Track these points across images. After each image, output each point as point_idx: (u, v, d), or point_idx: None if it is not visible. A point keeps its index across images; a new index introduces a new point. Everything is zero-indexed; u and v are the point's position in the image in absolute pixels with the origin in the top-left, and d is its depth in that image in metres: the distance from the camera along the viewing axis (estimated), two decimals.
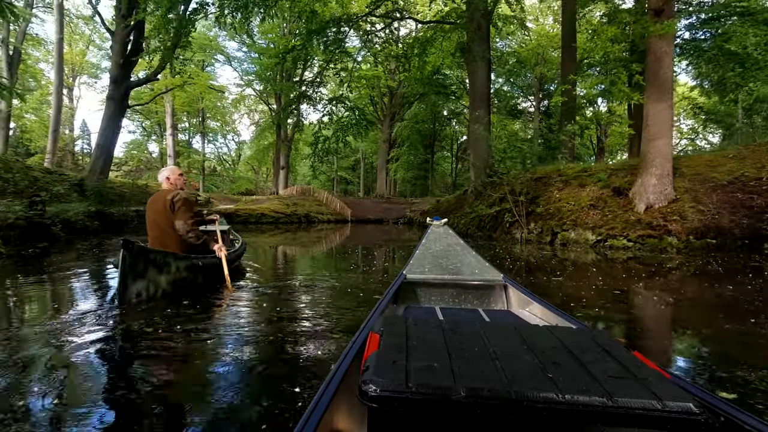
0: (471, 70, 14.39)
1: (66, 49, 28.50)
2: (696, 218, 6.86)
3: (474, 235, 11.26)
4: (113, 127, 14.18)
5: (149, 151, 40.15)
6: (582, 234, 7.73)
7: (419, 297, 2.40)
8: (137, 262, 2.89)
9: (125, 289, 2.82)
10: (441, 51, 23.31)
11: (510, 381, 0.78)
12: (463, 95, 30.70)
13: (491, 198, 11.50)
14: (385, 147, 31.06)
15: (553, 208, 8.71)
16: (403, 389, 0.75)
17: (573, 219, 8.08)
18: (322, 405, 0.86)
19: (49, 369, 1.80)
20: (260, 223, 17.80)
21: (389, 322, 1.11)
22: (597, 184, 8.61)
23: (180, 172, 3.75)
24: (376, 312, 1.64)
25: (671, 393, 0.74)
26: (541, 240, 8.48)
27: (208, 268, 3.53)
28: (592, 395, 0.73)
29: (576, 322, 1.58)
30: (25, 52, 21.86)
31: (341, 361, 1.07)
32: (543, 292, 3.83)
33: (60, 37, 17.63)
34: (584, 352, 0.93)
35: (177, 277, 3.22)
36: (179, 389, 1.73)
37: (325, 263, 6.53)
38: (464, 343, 0.96)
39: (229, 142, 44.15)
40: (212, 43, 28.22)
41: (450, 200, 17.26)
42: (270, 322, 2.63)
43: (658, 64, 7.21)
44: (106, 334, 2.30)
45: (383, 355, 0.89)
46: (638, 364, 0.87)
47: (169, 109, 26.83)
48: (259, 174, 46.83)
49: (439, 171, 40.53)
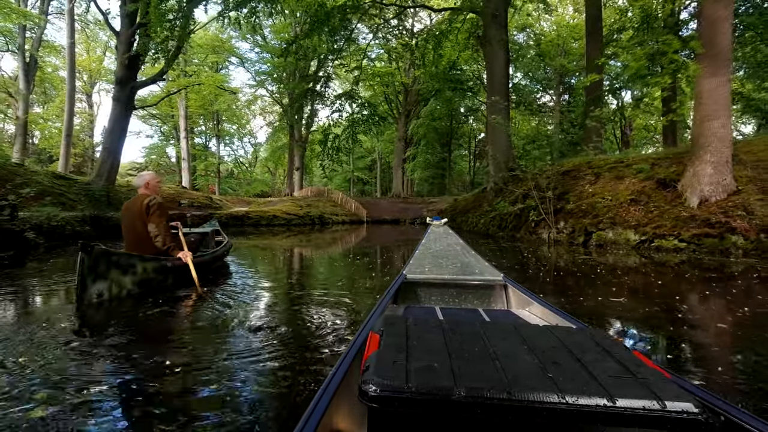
0: (488, 58, 13.50)
1: (84, 56, 29.03)
2: (766, 213, 5.72)
3: (495, 236, 10.29)
4: (119, 129, 13.88)
5: (168, 155, 40.63)
6: (622, 233, 6.68)
7: (419, 297, 2.38)
8: (97, 264, 2.97)
9: (84, 289, 2.89)
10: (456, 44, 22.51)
11: (510, 381, 0.77)
12: (480, 90, 29.76)
13: (513, 194, 10.51)
14: (400, 146, 30.24)
15: (586, 205, 7.67)
16: (403, 389, 0.74)
17: (611, 216, 7.03)
18: (322, 405, 0.86)
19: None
20: (272, 226, 17.34)
21: (389, 322, 1.09)
22: (637, 176, 7.52)
23: (158, 179, 3.82)
24: (376, 312, 1.63)
25: (672, 393, 0.73)
26: (572, 241, 7.45)
27: (179, 269, 3.58)
28: (592, 395, 0.72)
29: (576, 321, 1.56)
30: (41, 60, 22.15)
31: (341, 361, 1.07)
32: (585, 310, 2.94)
33: (71, 41, 17.58)
34: (584, 351, 0.92)
35: (144, 278, 3.32)
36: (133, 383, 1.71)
37: (318, 266, 5.91)
38: (464, 343, 0.96)
39: (246, 145, 44.31)
40: (225, 45, 28.06)
41: (468, 198, 16.27)
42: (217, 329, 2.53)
43: (713, 32, 6.10)
44: (55, 332, 2.33)
45: (383, 355, 0.88)
46: (638, 364, 0.85)
47: (183, 112, 26.78)
48: (276, 176, 46.77)
49: (457, 170, 39.46)
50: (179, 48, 14.51)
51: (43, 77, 24.76)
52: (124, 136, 14.50)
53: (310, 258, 7.04)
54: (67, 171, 18.13)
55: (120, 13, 13.33)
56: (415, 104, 30.53)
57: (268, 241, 10.29)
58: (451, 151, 34.59)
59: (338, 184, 44.33)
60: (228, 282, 4.13)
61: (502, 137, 11.93)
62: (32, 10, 19.41)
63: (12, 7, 17.26)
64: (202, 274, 3.76)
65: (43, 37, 20.61)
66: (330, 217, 20.99)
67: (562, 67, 26.32)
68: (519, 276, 4.70)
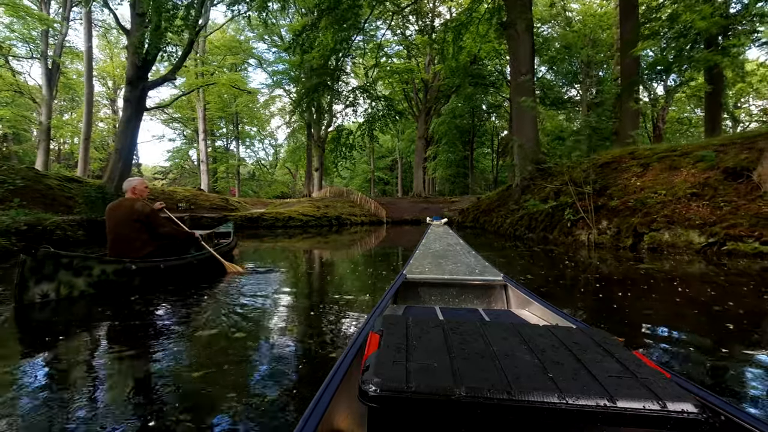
0: (512, 44, 12.49)
1: (108, 62, 29.63)
2: None
3: (524, 238, 9.23)
4: (131, 130, 13.63)
5: (190, 158, 41.18)
6: (682, 234, 5.55)
7: (419, 297, 2.35)
8: (42, 266, 3.03)
9: (23, 290, 2.95)
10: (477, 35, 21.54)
11: (510, 381, 0.77)
12: (502, 85, 28.51)
13: (544, 191, 9.40)
14: (421, 144, 29.29)
15: (634, 201, 6.53)
16: (403, 389, 0.74)
17: (667, 214, 5.88)
18: (322, 405, 0.86)
19: None
20: (287, 227, 16.80)
21: (389, 322, 1.08)
22: (697, 165, 6.33)
23: (146, 185, 3.97)
24: (376, 312, 1.64)
25: (672, 392, 0.73)
26: (618, 243, 6.35)
27: (146, 271, 3.60)
28: (592, 395, 0.73)
29: (576, 321, 1.52)
30: (64, 66, 22.55)
31: (341, 361, 1.07)
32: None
33: (89, 45, 17.66)
34: (584, 351, 0.92)
35: (102, 279, 3.34)
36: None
37: (325, 269, 5.34)
38: (464, 343, 0.95)
39: (267, 147, 44.47)
40: (242, 46, 27.96)
41: (491, 197, 15.15)
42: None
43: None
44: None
45: (383, 354, 0.87)
46: (638, 364, 0.85)
47: (201, 114, 26.81)
48: (297, 178, 46.73)
49: (479, 168, 38.20)
50: (191, 44, 14.17)
51: (68, 83, 25.27)
52: (135, 137, 14.28)
53: (320, 260, 6.55)
54: (85, 174, 18.23)
55: (131, 12, 13.11)
56: (436, 102, 29.58)
57: (281, 243, 9.79)
58: (473, 150, 33.43)
59: (358, 185, 43.96)
60: (228, 281, 4.10)
61: (529, 123, 10.82)
62: (54, 17, 19.72)
63: (34, 13, 17.49)
64: (185, 275, 3.98)
65: (65, 43, 20.91)
66: (348, 218, 20.36)
67: (589, 59, 24.83)
68: (564, 293, 3.77)
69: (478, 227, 13.51)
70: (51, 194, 10.72)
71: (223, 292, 3.57)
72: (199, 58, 24.17)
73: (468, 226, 14.79)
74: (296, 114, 22.67)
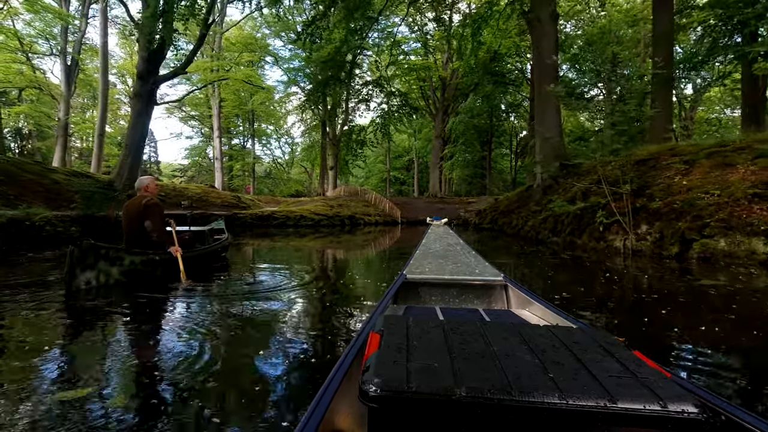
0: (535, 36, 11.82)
1: (127, 59, 29.96)
2: None
3: (547, 241, 8.44)
4: (141, 125, 13.45)
5: (208, 156, 41.46)
6: (743, 242, 4.72)
7: (420, 297, 2.35)
8: (86, 255, 3.34)
9: (72, 278, 3.26)
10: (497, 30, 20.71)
11: (511, 381, 0.76)
12: (522, 83, 27.49)
13: (570, 190, 8.60)
14: (438, 143, 28.52)
15: (680, 202, 5.71)
16: (403, 389, 0.74)
17: (723, 218, 5.05)
18: (322, 405, 0.86)
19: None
20: (299, 226, 16.37)
21: (390, 322, 1.07)
22: (757, 162, 5.47)
23: (156, 183, 4.25)
24: (376, 312, 1.64)
25: (672, 392, 0.73)
26: (661, 251, 5.53)
27: (168, 262, 3.94)
28: (592, 395, 0.72)
29: (576, 321, 1.52)
30: (83, 64, 22.75)
31: (342, 361, 1.07)
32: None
33: (104, 41, 17.67)
34: (585, 351, 0.91)
35: (131, 269, 3.66)
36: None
37: (327, 269, 5.19)
38: (465, 343, 0.95)
39: (283, 145, 44.43)
40: (259, 43, 27.80)
41: (510, 197, 14.32)
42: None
43: None
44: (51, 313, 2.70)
45: (384, 355, 0.87)
46: (639, 364, 0.84)
47: (216, 111, 26.77)
48: (312, 176, 46.59)
49: (497, 169, 37.14)
50: (202, 38, 13.90)
51: (87, 80, 25.56)
52: (146, 132, 14.11)
53: (332, 260, 6.31)
54: (99, 170, 18.24)
55: (142, 5, 12.91)
56: (453, 100, 28.80)
57: (290, 242, 9.47)
58: (491, 150, 32.44)
59: (374, 184, 43.52)
60: (219, 276, 4.46)
61: (553, 118, 10.02)
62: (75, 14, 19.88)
63: (52, 8, 17.59)
64: (194, 267, 4.25)
65: (84, 40, 21.07)
66: (361, 217, 19.82)
67: (614, 56, 23.66)
68: (608, 318, 3.11)
69: (496, 229, 12.72)
70: (56, 189, 10.50)
71: (232, 287, 3.82)
72: (215, 55, 24.06)
73: (485, 227, 14.01)
74: (310, 111, 22.19)
